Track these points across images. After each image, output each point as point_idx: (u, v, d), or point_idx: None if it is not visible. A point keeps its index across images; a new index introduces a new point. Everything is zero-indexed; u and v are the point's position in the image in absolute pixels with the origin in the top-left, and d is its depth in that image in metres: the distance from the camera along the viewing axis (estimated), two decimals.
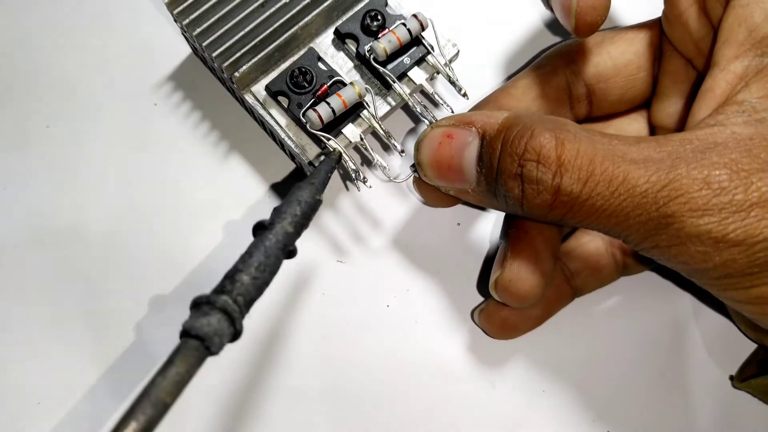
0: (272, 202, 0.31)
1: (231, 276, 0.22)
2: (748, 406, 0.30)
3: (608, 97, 0.30)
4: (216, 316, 0.21)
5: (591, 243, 0.30)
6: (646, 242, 0.22)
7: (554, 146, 0.22)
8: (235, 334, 0.21)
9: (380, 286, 0.31)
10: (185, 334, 0.20)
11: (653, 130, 0.30)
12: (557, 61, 0.30)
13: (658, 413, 0.30)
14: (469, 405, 0.30)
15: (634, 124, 0.31)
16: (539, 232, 0.27)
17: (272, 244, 0.23)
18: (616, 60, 0.29)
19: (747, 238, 0.21)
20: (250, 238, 0.28)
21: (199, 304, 0.21)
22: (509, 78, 0.34)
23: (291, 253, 0.24)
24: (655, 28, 0.29)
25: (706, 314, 0.31)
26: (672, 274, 0.32)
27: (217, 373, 0.29)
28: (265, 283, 0.22)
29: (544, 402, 0.30)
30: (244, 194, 0.32)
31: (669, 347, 0.31)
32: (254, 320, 0.30)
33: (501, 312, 0.29)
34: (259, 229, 0.24)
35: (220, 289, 0.22)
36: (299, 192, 0.24)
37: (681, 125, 0.29)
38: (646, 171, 0.21)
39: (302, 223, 0.24)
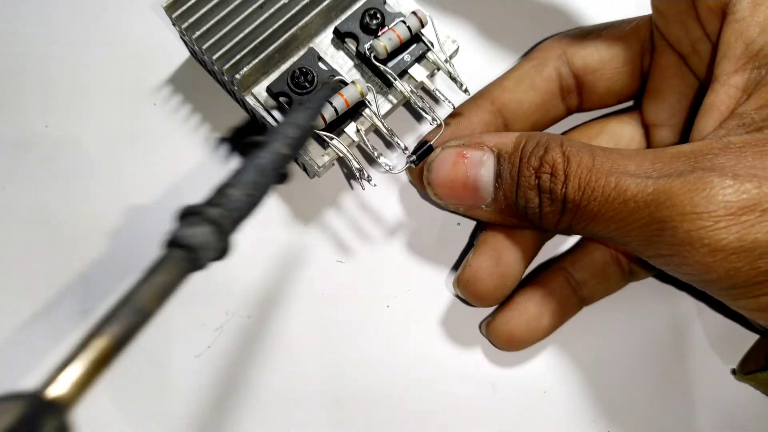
0: None
1: (221, 190, 0.20)
2: (750, 400, 0.30)
3: (597, 89, 0.30)
4: (205, 228, 0.18)
5: (596, 252, 0.30)
6: (649, 250, 0.23)
7: (562, 160, 0.24)
8: (223, 251, 0.19)
9: (380, 286, 0.31)
10: (172, 244, 0.18)
11: (647, 129, 0.31)
12: (547, 54, 0.30)
13: (659, 412, 0.30)
14: (469, 406, 0.30)
15: (628, 128, 0.31)
16: (507, 236, 0.28)
17: (266, 162, 0.21)
18: (602, 53, 0.30)
19: (742, 244, 0.21)
20: None
21: (187, 214, 0.19)
22: None
23: (283, 177, 0.22)
24: (643, 24, 0.30)
25: (707, 312, 0.31)
26: (671, 278, 0.32)
27: (216, 373, 0.29)
28: (255, 203, 0.20)
29: (545, 402, 0.30)
30: None
31: (669, 346, 0.31)
32: (254, 320, 0.30)
33: (507, 325, 0.29)
34: (253, 146, 0.22)
35: (209, 202, 0.19)
36: (295, 114, 0.23)
37: (674, 121, 0.30)
38: (636, 177, 0.22)
39: (296, 146, 0.22)
